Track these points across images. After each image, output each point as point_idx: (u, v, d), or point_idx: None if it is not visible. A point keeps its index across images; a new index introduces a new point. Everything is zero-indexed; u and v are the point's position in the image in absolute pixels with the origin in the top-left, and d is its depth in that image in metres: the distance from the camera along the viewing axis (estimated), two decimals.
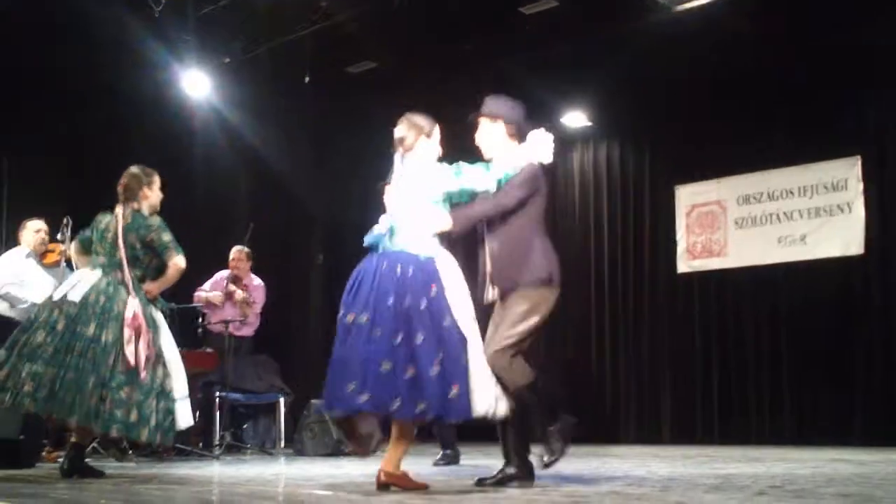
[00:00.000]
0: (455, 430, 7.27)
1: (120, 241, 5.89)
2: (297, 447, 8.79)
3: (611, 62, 10.23)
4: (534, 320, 4.95)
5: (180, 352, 8.12)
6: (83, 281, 5.79)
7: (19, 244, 7.91)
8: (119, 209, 6.12)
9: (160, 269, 6.01)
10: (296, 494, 4.65)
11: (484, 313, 5.11)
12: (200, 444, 8.52)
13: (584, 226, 11.93)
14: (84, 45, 9.72)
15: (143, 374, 5.51)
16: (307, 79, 10.40)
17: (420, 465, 6.46)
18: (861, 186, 9.80)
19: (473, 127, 5.28)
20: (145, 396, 5.48)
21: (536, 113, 11.58)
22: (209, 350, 8.86)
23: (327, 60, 10.56)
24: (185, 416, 5.69)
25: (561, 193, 12.20)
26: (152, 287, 5.94)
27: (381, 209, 5.03)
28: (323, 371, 4.79)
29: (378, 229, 4.84)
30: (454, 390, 4.55)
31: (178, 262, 5.99)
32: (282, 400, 9.18)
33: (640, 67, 10.24)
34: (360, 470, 6.12)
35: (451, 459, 7.14)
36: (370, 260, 4.78)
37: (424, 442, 8.29)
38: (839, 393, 9.59)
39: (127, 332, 5.54)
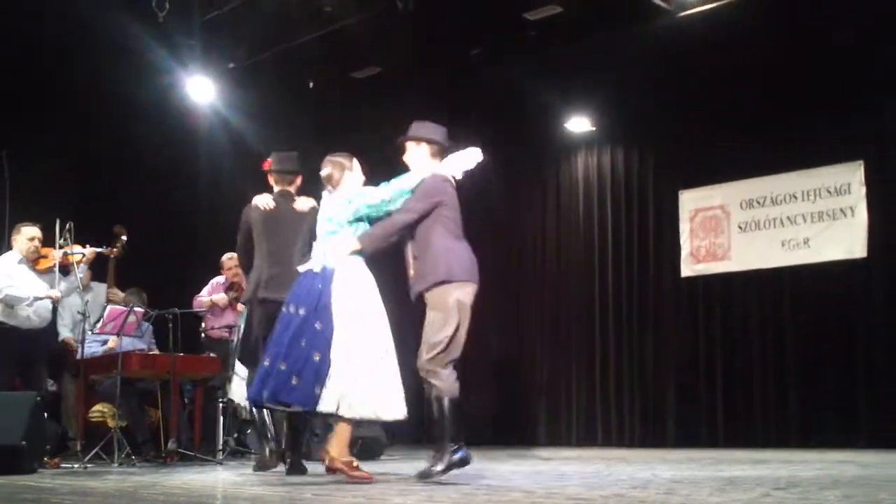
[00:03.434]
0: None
1: None
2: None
3: (614, 67, 10.26)
4: (452, 324, 5.40)
5: (182, 357, 8.21)
6: None
7: (12, 248, 7.91)
8: None
9: None
10: (299, 499, 4.65)
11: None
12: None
13: (589, 230, 11.93)
14: (88, 50, 9.75)
15: None
16: (311, 84, 10.41)
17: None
18: (864, 190, 9.81)
19: (401, 149, 5.87)
20: None
21: (540, 118, 11.72)
22: (212, 355, 8.85)
23: (332, 66, 10.58)
24: None
25: (565, 198, 12.22)
26: None
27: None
28: None
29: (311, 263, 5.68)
30: (294, 381, 5.31)
31: None
32: None
33: (643, 72, 10.27)
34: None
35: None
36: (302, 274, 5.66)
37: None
38: (844, 395, 9.59)
39: None
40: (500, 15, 9.73)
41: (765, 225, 10.52)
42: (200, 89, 10.82)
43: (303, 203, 6.68)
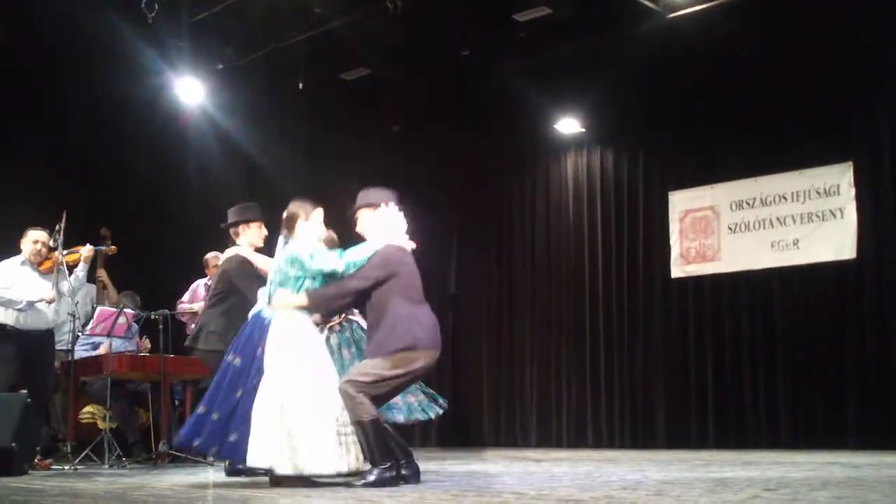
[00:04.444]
0: None
1: None
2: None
3: (604, 68, 10.27)
4: (397, 371, 5.33)
5: (172, 359, 8.19)
6: None
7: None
8: None
9: None
10: (289, 500, 4.64)
11: None
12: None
13: (578, 232, 11.94)
14: (78, 51, 9.73)
15: None
16: (301, 85, 10.40)
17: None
18: (853, 192, 9.84)
19: (353, 220, 5.86)
20: None
21: (530, 119, 11.74)
22: None
23: (321, 67, 10.57)
24: None
25: (555, 200, 12.23)
26: None
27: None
28: None
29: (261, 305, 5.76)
30: (233, 437, 5.34)
31: None
32: None
33: (633, 74, 10.28)
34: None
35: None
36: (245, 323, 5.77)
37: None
38: (833, 396, 9.62)
39: None
40: (489, 16, 9.73)
41: (754, 226, 10.55)
42: (190, 90, 10.80)
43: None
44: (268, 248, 6.60)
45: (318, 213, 5.80)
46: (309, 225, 5.72)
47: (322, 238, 5.97)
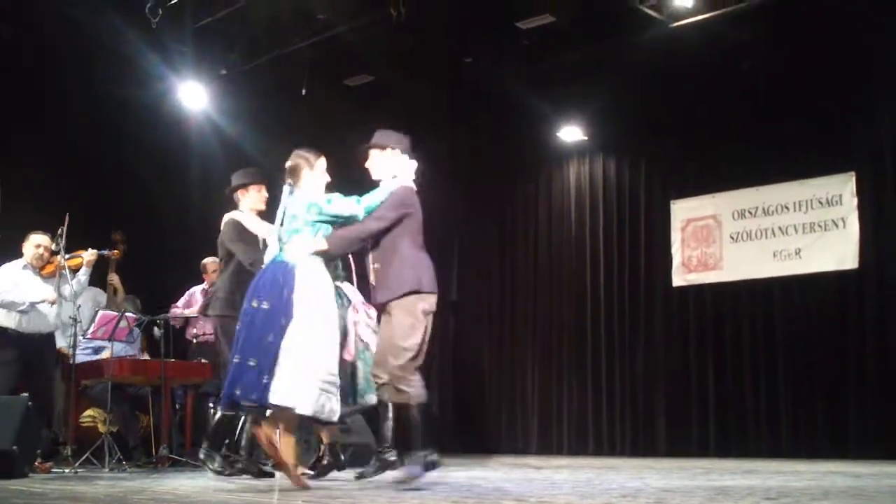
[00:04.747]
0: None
1: None
2: None
3: (607, 77, 10.29)
4: (421, 330, 5.55)
5: (173, 363, 8.20)
6: None
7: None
8: None
9: None
10: (290, 503, 4.65)
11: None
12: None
13: (580, 240, 11.95)
14: (81, 56, 9.74)
15: None
16: (304, 91, 10.40)
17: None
18: (855, 201, 9.85)
19: (363, 156, 6.03)
20: None
21: (532, 127, 11.75)
22: (203, 361, 8.83)
23: (325, 73, 10.57)
24: None
25: (556, 208, 12.24)
26: None
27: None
28: None
29: (270, 252, 5.83)
30: (265, 379, 5.24)
31: None
32: None
33: (635, 82, 10.30)
34: (354, 478, 6.10)
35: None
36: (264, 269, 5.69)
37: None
38: (834, 406, 9.62)
39: None
40: (492, 24, 9.74)
41: (756, 235, 10.55)
42: (193, 96, 10.80)
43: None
44: (269, 214, 6.69)
45: (322, 162, 5.90)
46: (315, 173, 5.82)
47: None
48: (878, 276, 9.64)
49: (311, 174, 5.80)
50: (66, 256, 7.78)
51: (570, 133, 11.85)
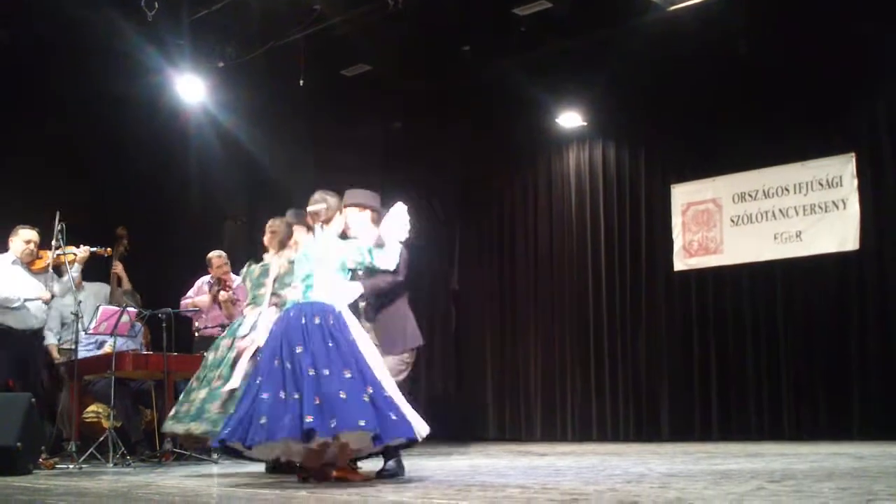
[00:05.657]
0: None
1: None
2: None
3: (605, 62, 10.26)
4: (405, 374, 5.91)
5: (176, 357, 8.22)
6: None
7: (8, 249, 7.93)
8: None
9: None
10: (294, 497, 4.65)
11: None
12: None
13: (581, 225, 11.93)
14: (77, 50, 9.72)
15: None
16: (301, 82, 10.38)
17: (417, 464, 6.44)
18: (856, 183, 9.82)
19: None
20: None
21: (531, 113, 11.74)
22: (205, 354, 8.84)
23: (322, 64, 10.55)
24: None
25: (557, 194, 12.23)
26: None
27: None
28: None
29: (293, 295, 5.65)
30: (392, 416, 5.14)
31: None
32: None
33: (634, 67, 10.27)
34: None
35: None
36: (287, 312, 5.55)
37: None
38: (837, 387, 9.61)
39: None
40: (490, 11, 9.71)
41: (757, 218, 10.53)
42: (190, 88, 10.78)
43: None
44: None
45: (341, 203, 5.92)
46: (342, 216, 5.85)
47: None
48: (879, 257, 9.62)
49: (339, 217, 5.81)
50: (60, 253, 7.76)
51: (570, 119, 11.83)
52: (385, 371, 5.43)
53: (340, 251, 5.62)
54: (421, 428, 5.32)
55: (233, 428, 5.21)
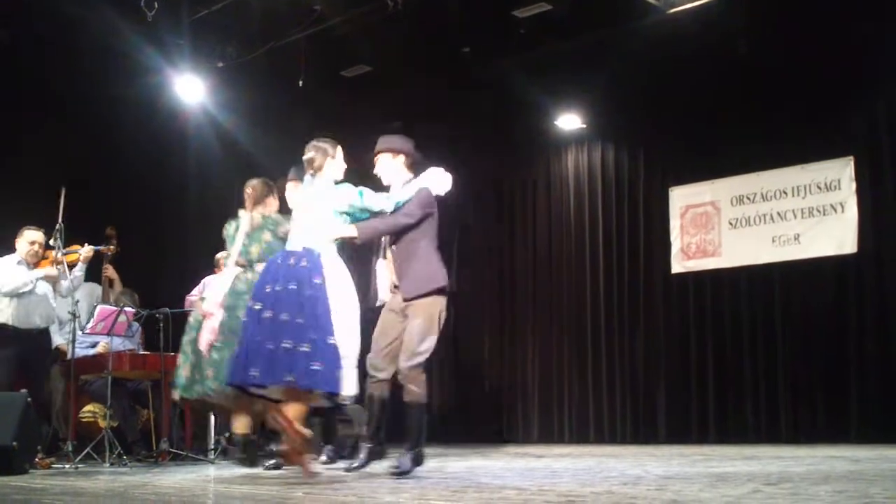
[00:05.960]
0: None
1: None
2: None
3: (604, 64, 10.25)
4: (434, 335, 5.83)
5: (173, 357, 8.19)
6: None
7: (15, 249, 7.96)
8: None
9: None
10: (290, 497, 4.65)
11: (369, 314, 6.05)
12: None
13: (579, 228, 11.94)
14: (76, 50, 9.72)
15: None
16: (301, 83, 10.39)
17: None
18: (854, 186, 9.83)
19: (373, 161, 6.19)
20: None
21: (530, 115, 11.74)
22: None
23: (322, 64, 10.55)
24: None
25: (556, 195, 12.23)
26: None
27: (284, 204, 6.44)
28: None
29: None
30: (316, 366, 5.23)
31: None
32: None
33: (633, 69, 10.27)
34: (344, 471, 6.11)
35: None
36: (275, 258, 5.73)
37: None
38: (834, 390, 9.61)
39: None
40: (489, 13, 9.72)
41: (755, 221, 10.54)
42: (190, 88, 10.79)
43: None
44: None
45: (341, 150, 5.97)
46: (335, 162, 5.90)
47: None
48: (877, 261, 9.62)
49: (332, 163, 5.86)
50: (63, 252, 7.78)
51: (568, 121, 11.83)
52: (352, 319, 5.50)
53: (330, 196, 5.71)
54: (349, 387, 5.40)
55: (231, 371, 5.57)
